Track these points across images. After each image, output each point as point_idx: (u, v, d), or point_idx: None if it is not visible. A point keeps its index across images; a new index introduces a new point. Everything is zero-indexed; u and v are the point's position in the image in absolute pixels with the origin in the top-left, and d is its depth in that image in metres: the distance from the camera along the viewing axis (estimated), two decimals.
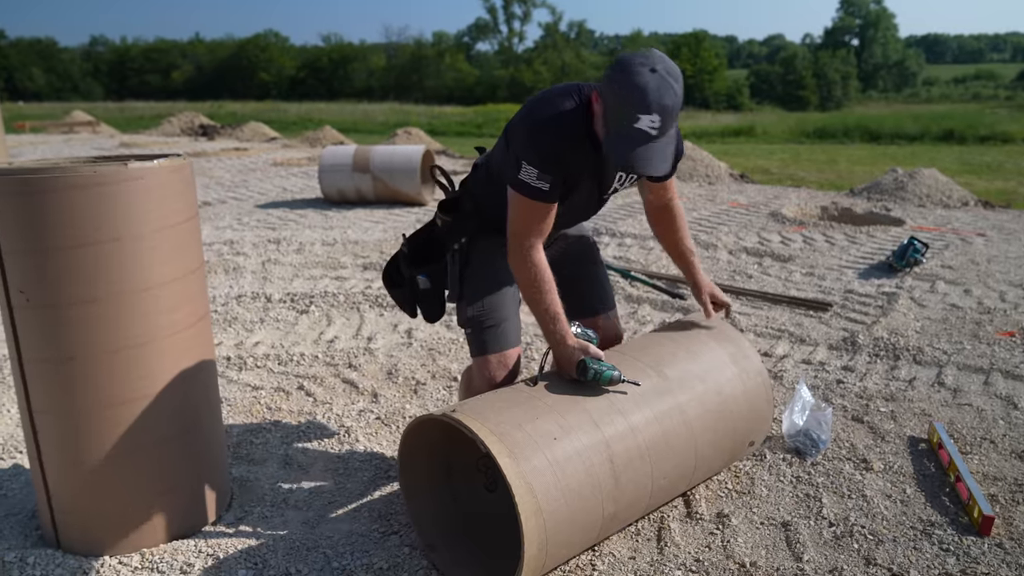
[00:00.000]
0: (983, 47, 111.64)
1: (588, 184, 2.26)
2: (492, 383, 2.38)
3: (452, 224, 2.43)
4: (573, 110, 2.07)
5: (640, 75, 1.87)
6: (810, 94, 49.21)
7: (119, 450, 2.23)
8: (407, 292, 2.57)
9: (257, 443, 3.01)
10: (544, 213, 2.14)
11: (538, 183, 2.07)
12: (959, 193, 8.14)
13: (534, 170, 2.06)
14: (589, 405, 2.18)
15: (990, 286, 4.99)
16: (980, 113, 29.43)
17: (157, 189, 2.21)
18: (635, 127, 1.88)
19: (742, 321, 4.33)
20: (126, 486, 2.27)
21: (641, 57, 1.91)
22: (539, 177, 2.06)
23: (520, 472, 1.94)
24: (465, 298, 2.39)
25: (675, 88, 1.90)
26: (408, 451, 2.32)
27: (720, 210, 7.74)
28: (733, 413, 2.48)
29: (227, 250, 6.07)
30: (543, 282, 2.18)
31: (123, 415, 2.24)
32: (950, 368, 3.66)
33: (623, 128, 1.90)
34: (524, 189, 2.09)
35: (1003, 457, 2.86)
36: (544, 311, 2.20)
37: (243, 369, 3.73)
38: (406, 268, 2.54)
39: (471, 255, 2.41)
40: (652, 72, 1.87)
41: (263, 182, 9.99)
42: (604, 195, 2.37)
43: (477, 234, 2.41)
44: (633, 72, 1.87)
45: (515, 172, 2.10)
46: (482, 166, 2.44)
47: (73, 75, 59.07)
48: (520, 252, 2.17)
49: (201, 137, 17.00)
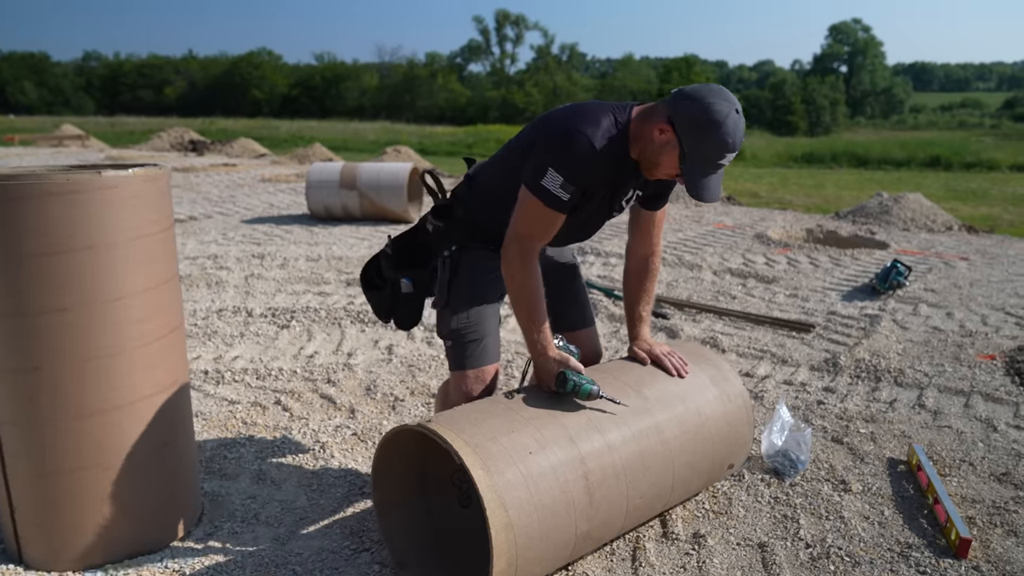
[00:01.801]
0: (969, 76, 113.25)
1: (600, 202, 2.26)
2: (469, 398, 2.36)
3: (444, 230, 2.39)
4: (613, 130, 2.09)
5: (730, 117, 1.97)
6: (799, 119, 49.72)
7: (86, 462, 2.19)
8: (386, 295, 2.52)
9: (231, 458, 2.97)
10: (554, 221, 2.15)
11: (559, 192, 2.08)
12: (943, 218, 8.20)
13: (559, 178, 2.07)
14: (567, 420, 2.16)
15: (972, 309, 5.01)
16: (966, 140, 29.79)
17: (131, 198, 2.18)
18: (719, 163, 2.01)
19: (724, 341, 4.33)
20: (92, 500, 2.23)
21: (724, 97, 2.00)
22: (562, 186, 2.07)
23: (493, 485, 1.91)
24: (450, 307, 2.37)
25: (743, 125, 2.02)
26: (383, 464, 2.29)
27: (706, 231, 7.76)
28: (712, 435, 2.46)
29: (210, 264, 6.03)
30: (534, 289, 2.18)
31: (91, 427, 2.20)
32: (931, 390, 3.66)
33: (709, 163, 2.01)
34: (543, 194, 2.09)
35: (981, 479, 2.85)
36: (529, 318, 2.20)
37: (220, 383, 3.68)
38: (389, 270, 2.49)
39: (460, 265, 2.39)
40: (737, 113, 1.99)
41: (250, 198, 9.96)
42: (611, 214, 2.36)
43: (467, 244, 2.39)
44: (725, 114, 1.97)
45: (537, 176, 2.09)
46: (475, 177, 2.43)
47: (65, 89, 59.04)
48: (519, 254, 2.16)
49: (190, 152, 16.98)
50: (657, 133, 2.04)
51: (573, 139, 2.07)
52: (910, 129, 44.88)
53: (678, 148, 2.02)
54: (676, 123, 2.01)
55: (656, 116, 2.06)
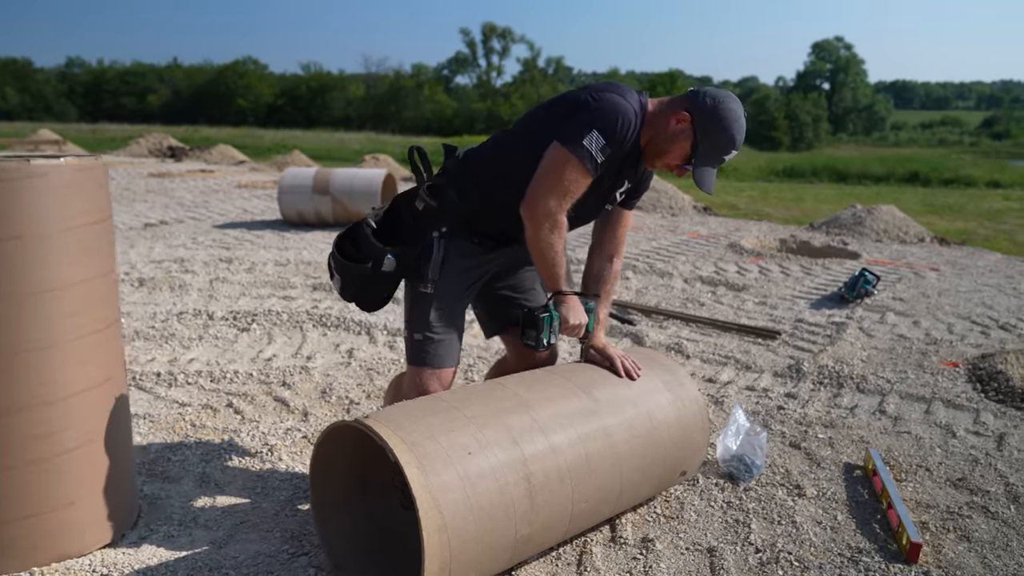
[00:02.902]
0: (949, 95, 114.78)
1: (604, 186, 2.27)
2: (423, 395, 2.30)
3: (437, 210, 2.30)
4: (636, 110, 2.17)
5: (741, 118, 2.15)
6: (782, 135, 50.15)
7: (12, 461, 2.11)
8: (365, 270, 2.33)
9: (174, 460, 2.89)
10: (584, 184, 2.15)
11: (598, 154, 2.10)
12: (916, 229, 8.24)
13: (603, 141, 2.10)
14: (511, 421, 2.11)
15: (939, 318, 5.01)
16: (945, 157, 30.12)
17: (62, 188, 2.12)
18: (724, 157, 2.15)
19: (689, 347, 4.29)
20: (18, 499, 2.14)
21: (737, 101, 2.16)
22: (603, 150, 2.10)
23: (427, 486, 1.86)
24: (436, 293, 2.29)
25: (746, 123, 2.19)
26: (322, 464, 2.22)
27: (680, 240, 7.75)
28: (664, 440, 2.41)
29: (176, 267, 5.94)
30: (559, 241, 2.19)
31: (19, 423, 2.12)
32: (892, 396, 3.64)
33: (717, 156, 2.15)
34: (582, 153, 2.09)
35: (938, 485, 2.82)
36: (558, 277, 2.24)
37: (173, 386, 3.60)
38: (374, 244, 2.30)
39: (446, 253, 2.31)
40: (744, 117, 2.16)
41: (224, 203, 9.87)
42: (604, 204, 2.36)
43: (455, 231, 2.31)
44: (739, 114, 2.14)
45: (580, 135, 2.09)
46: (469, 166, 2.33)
47: (47, 96, 58.58)
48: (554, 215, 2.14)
49: (169, 159, 16.85)
50: (674, 122, 2.15)
51: (619, 107, 2.12)
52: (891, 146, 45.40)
53: (691, 138, 2.14)
54: (694, 115, 2.13)
55: (674, 106, 2.18)
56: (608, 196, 2.34)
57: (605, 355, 2.45)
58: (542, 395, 2.24)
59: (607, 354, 2.45)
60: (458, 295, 2.35)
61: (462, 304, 2.39)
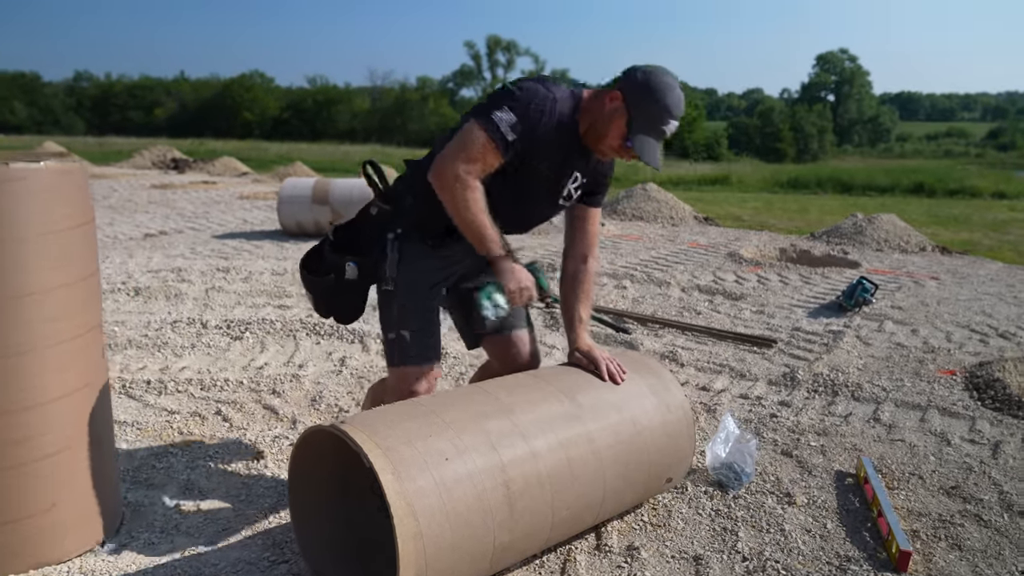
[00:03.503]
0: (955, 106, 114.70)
1: (545, 181, 2.25)
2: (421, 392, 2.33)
3: (390, 213, 2.34)
4: (569, 100, 2.20)
5: (675, 88, 2.14)
6: (787, 147, 50.11)
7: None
8: (329, 281, 2.39)
9: (160, 467, 2.87)
10: (490, 157, 2.11)
11: (508, 131, 2.09)
12: (917, 239, 8.20)
13: (513, 118, 2.09)
14: (489, 426, 2.08)
15: (937, 326, 4.96)
16: (951, 168, 30.04)
17: (42, 192, 2.11)
18: (663, 128, 2.13)
19: (684, 355, 4.26)
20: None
21: (669, 73, 2.16)
22: (513, 127, 2.09)
23: (402, 492, 1.83)
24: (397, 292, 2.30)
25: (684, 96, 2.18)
26: (300, 469, 2.20)
27: (679, 250, 7.73)
28: (649, 446, 2.38)
29: (172, 277, 5.94)
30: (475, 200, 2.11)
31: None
32: (887, 404, 3.60)
33: (654, 128, 2.13)
34: (489, 125, 2.08)
35: (930, 493, 2.78)
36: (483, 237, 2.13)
37: (163, 393, 3.59)
38: (333, 255, 2.38)
39: (404, 252, 2.31)
40: (680, 89, 2.16)
41: (225, 214, 9.89)
42: (557, 199, 2.33)
43: (410, 233, 2.32)
44: (671, 85, 2.13)
45: (489, 110, 2.10)
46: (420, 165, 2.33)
47: (55, 109, 58.96)
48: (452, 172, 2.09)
49: (172, 170, 16.92)
50: (608, 102, 2.15)
51: (535, 91, 2.15)
52: (897, 157, 45.31)
53: (626, 115, 2.13)
54: (625, 92, 2.14)
55: (607, 89, 2.19)
56: (559, 190, 2.30)
57: (591, 357, 2.43)
58: (523, 399, 2.22)
59: (592, 356, 2.43)
60: (423, 293, 2.34)
61: (429, 302, 2.37)
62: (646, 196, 10.40)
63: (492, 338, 2.52)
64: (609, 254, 7.42)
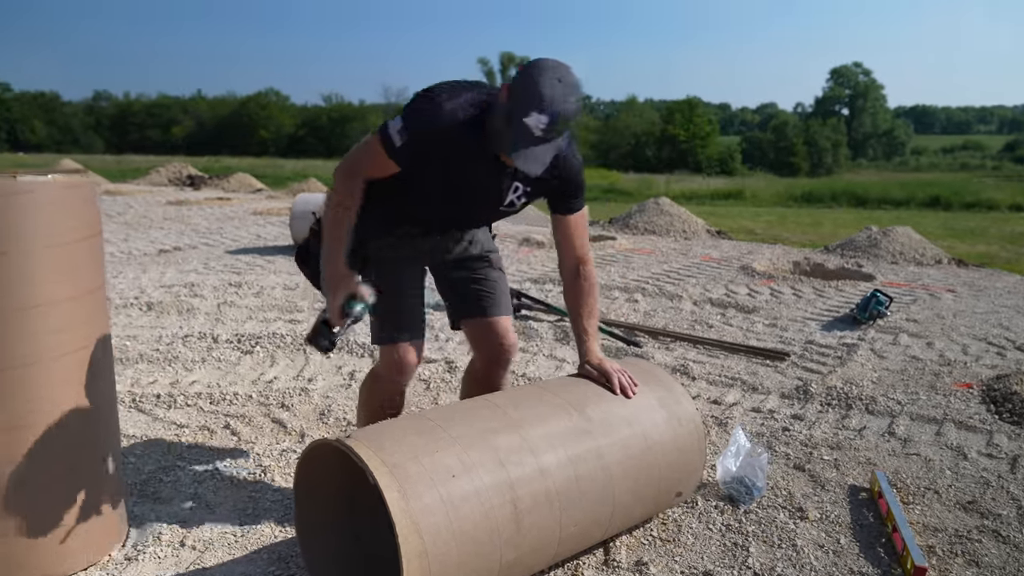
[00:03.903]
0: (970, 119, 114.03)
1: (483, 180, 2.25)
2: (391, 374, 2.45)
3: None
4: (474, 100, 2.14)
5: (546, 79, 1.97)
6: (801, 161, 49.95)
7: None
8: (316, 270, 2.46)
9: (167, 481, 2.86)
10: (380, 165, 2.17)
11: (395, 136, 2.12)
12: (932, 251, 8.12)
13: (401, 123, 2.12)
14: (498, 442, 2.06)
15: (953, 339, 4.90)
16: (967, 181, 29.82)
17: (49, 205, 2.12)
18: (524, 121, 1.96)
19: (695, 369, 4.22)
20: (2, 517, 2.12)
21: (552, 65, 2.02)
22: (399, 132, 2.11)
23: (408, 510, 1.81)
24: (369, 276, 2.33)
25: (571, 100, 1.99)
26: (306, 483, 2.19)
27: (691, 263, 7.69)
28: (659, 460, 2.35)
29: (185, 292, 5.97)
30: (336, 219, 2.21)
31: (3, 443, 2.11)
32: (903, 418, 3.54)
33: (514, 120, 1.98)
34: (381, 132, 2.15)
35: (946, 508, 2.72)
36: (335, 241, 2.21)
37: (172, 407, 3.59)
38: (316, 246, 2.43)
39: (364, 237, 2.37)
40: (558, 81, 1.98)
41: (239, 229, 9.95)
42: (500, 205, 2.33)
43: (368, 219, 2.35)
44: (541, 74, 1.98)
45: (386, 121, 2.16)
46: None
47: (74, 128, 59.79)
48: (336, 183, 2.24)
49: (187, 187, 17.07)
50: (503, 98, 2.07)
51: (424, 99, 2.14)
52: (912, 171, 45.03)
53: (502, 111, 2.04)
54: (509, 87, 2.05)
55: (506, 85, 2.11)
56: (496, 195, 2.30)
57: (601, 370, 2.40)
58: (532, 413, 2.20)
59: (603, 369, 2.40)
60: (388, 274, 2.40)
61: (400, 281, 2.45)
62: (658, 210, 10.37)
63: (469, 321, 2.60)
64: (621, 268, 7.39)
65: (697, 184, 30.42)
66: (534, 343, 4.73)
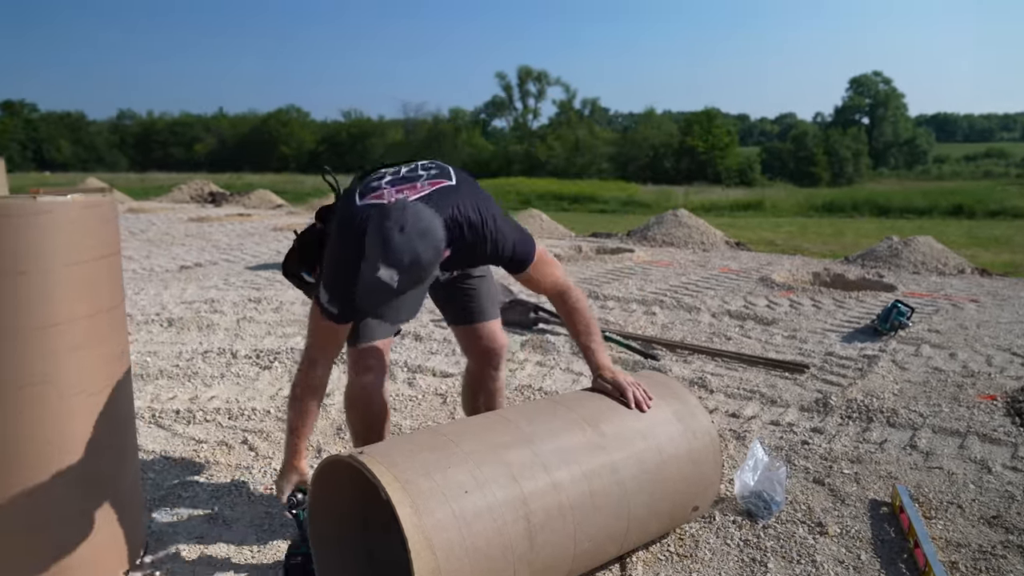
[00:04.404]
0: (993, 126, 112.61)
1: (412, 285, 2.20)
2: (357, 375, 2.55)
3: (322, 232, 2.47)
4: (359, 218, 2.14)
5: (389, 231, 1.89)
6: (821, 171, 49.64)
7: (15, 497, 2.12)
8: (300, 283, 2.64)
9: (185, 496, 2.88)
10: (334, 332, 2.26)
11: (326, 303, 2.17)
12: (955, 260, 8.02)
13: (326, 294, 2.17)
14: (510, 457, 2.06)
15: (977, 350, 4.82)
16: (991, 189, 29.45)
17: (68, 224, 2.16)
18: (377, 276, 1.87)
19: (713, 382, 4.19)
20: (18, 536, 2.15)
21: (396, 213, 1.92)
22: (330, 302, 2.16)
23: (420, 526, 1.81)
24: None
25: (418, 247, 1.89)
26: (321, 499, 2.19)
27: (709, 275, 7.65)
28: (674, 475, 2.33)
29: (205, 308, 6.03)
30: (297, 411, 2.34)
31: (21, 459, 2.13)
32: (925, 431, 3.49)
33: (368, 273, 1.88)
34: (320, 305, 2.20)
35: (970, 523, 2.68)
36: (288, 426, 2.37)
37: (191, 423, 3.62)
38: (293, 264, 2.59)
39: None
40: (401, 231, 1.89)
41: (259, 245, 10.04)
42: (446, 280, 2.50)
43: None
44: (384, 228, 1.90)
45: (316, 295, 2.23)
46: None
47: (99, 147, 60.77)
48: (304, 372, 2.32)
49: (209, 204, 17.27)
50: None
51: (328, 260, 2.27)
52: (934, 179, 44.55)
53: None
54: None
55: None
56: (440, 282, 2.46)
57: (615, 383, 2.39)
58: (545, 428, 2.19)
59: (617, 383, 2.39)
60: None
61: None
62: (677, 222, 10.34)
63: (457, 328, 2.73)
64: (639, 280, 7.37)
65: (716, 195, 30.30)
66: (551, 357, 4.72)
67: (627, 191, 30.46)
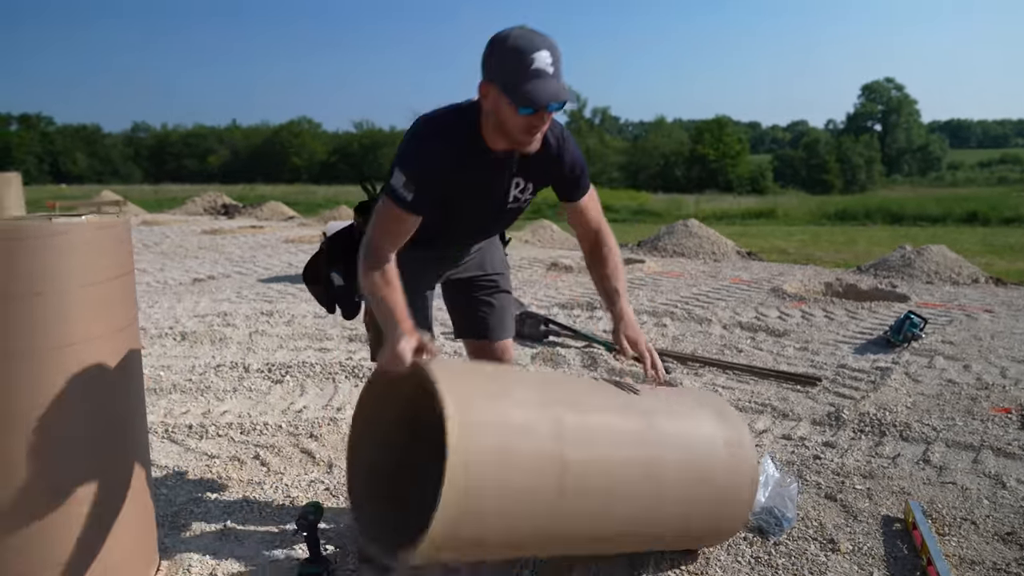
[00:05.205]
0: (1008, 132, 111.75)
1: (484, 183, 2.25)
2: None
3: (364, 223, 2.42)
4: (457, 122, 2.15)
5: (512, 31, 1.98)
6: (834, 178, 49.49)
7: (30, 516, 2.14)
8: (324, 288, 2.60)
9: (197, 512, 2.90)
10: (402, 222, 2.17)
11: (403, 191, 2.12)
12: (969, 270, 7.97)
13: (403, 177, 2.11)
14: (566, 418, 2.05)
15: (991, 361, 4.79)
16: (1006, 196, 29.25)
17: (83, 245, 2.19)
18: (533, 68, 1.92)
19: (725, 395, 4.18)
20: (31, 555, 2.17)
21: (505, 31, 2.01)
22: (405, 186, 2.11)
23: (464, 422, 1.81)
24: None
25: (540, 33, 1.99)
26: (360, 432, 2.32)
27: (720, 286, 7.63)
28: (707, 496, 2.30)
29: (218, 321, 6.07)
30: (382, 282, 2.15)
31: (35, 477, 2.16)
32: (938, 445, 3.47)
33: (522, 74, 1.93)
34: (391, 193, 2.14)
35: (984, 539, 2.66)
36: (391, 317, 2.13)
37: (204, 438, 3.64)
38: (324, 266, 2.57)
39: None
40: (520, 29, 2.00)
41: (271, 258, 10.11)
42: (506, 205, 2.35)
43: None
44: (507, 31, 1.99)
45: (388, 180, 2.17)
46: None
47: (114, 159, 61.37)
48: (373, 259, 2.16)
49: (222, 216, 17.39)
50: (481, 97, 2.06)
51: (410, 142, 2.17)
52: (948, 186, 44.31)
53: (498, 90, 1.99)
54: (485, 72, 2.03)
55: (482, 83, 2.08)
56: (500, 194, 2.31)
57: (638, 348, 2.34)
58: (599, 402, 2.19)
59: (640, 349, 2.33)
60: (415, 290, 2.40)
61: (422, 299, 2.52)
62: (687, 232, 10.33)
63: (470, 341, 2.72)
64: (649, 291, 7.37)
65: (728, 203, 30.24)
66: (561, 369, 4.72)
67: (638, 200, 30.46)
